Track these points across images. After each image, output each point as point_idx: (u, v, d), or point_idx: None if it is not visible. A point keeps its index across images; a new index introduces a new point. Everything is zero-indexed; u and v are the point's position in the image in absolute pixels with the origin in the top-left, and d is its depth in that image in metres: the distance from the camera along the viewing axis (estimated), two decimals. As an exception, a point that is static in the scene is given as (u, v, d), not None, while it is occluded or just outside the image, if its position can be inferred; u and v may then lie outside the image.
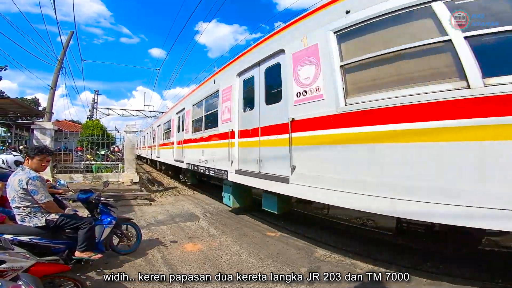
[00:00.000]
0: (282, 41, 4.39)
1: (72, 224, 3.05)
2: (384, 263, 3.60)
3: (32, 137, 9.04)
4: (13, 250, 2.10)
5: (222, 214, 6.44)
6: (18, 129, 16.57)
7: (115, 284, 2.92)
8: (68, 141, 15.43)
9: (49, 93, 12.54)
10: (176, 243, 4.43)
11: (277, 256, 3.90)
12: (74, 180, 8.99)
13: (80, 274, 3.02)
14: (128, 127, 10.49)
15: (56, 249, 2.93)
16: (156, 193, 9.43)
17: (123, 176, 9.74)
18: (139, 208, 7.09)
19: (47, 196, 2.93)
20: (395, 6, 2.85)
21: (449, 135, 2.41)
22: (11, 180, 2.89)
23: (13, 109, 14.72)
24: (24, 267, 1.97)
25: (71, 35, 13.10)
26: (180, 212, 6.71)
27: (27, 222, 2.84)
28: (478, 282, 3.02)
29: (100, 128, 13.91)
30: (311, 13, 3.87)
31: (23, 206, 2.84)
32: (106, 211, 3.65)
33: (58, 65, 12.63)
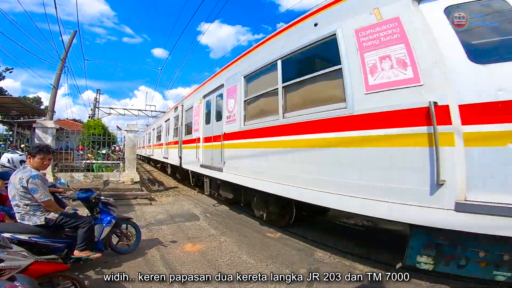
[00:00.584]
0: (222, 78, 6.36)
1: (72, 223, 3.05)
2: (384, 264, 3.58)
3: (34, 136, 9.08)
4: (12, 249, 2.10)
5: (222, 215, 6.44)
6: (20, 127, 16.65)
7: (114, 284, 2.91)
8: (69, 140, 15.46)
9: (51, 92, 12.61)
10: (176, 243, 4.43)
11: (277, 257, 3.89)
12: (75, 179, 9.00)
13: (79, 273, 3.02)
14: (129, 127, 10.51)
15: (55, 248, 2.92)
16: (157, 192, 9.44)
17: (123, 175, 9.75)
18: (139, 207, 7.10)
19: (47, 195, 2.93)
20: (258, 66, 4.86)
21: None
22: (13, 178, 2.90)
23: (15, 108, 14.77)
24: (22, 266, 1.97)
25: (73, 34, 13.18)
26: (180, 212, 6.71)
27: (26, 220, 2.84)
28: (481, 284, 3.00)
29: (101, 127, 13.97)
30: (236, 60, 5.85)
31: (23, 204, 2.84)
32: (106, 211, 3.65)
33: (61, 64, 12.70)
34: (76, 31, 13.31)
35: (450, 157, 2.37)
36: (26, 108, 15.86)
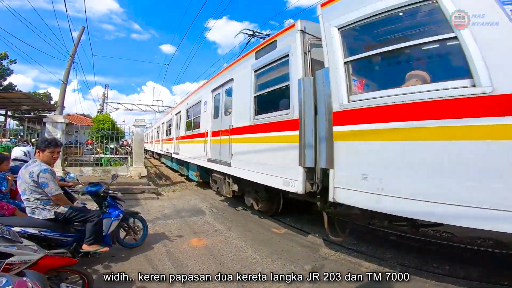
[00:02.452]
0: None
1: (81, 217, 3.08)
2: (390, 262, 3.57)
3: (44, 130, 9.24)
4: (22, 243, 2.14)
5: (227, 210, 6.48)
6: (30, 122, 16.96)
7: (114, 284, 2.89)
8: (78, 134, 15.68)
9: (60, 87, 12.75)
10: (182, 237, 4.48)
11: (282, 253, 3.90)
12: (84, 173, 9.15)
13: (87, 268, 3.08)
14: (137, 121, 10.59)
15: (64, 242, 2.97)
16: (163, 187, 9.54)
17: (131, 169, 9.88)
18: (146, 202, 7.19)
19: (57, 189, 2.96)
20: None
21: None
22: (22, 172, 2.92)
23: (25, 103, 15.05)
24: (32, 261, 2.02)
25: (82, 30, 13.23)
26: (186, 206, 6.77)
27: (37, 214, 2.89)
28: (485, 283, 2.97)
29: (110, 122, 14.12)
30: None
31: (33, 198, 2.88)
32: (114, 205, 3.70)
33: (70, 59, 12.82)
34: (84, 27, 13.36)
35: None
36: (36, 103, 16.15)
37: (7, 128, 14.95)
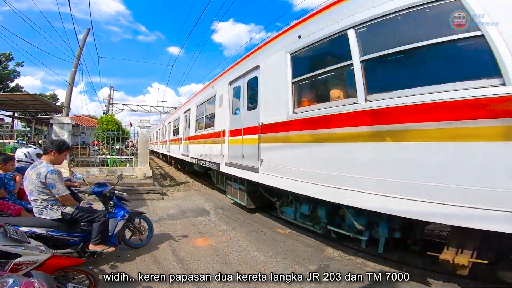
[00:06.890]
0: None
1: (87, 217, 3.11)
2: (396, 263, 3.53)
3: (51, 132, 9.35)
4: (29, 244, 2.16)
5: (232, 210, 6.48)
6: (37, 123, 17.17)
7: (114, 284, 2.89)
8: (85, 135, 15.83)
9: (67, 89, 12.90)
10: (187, 237, 4.49)
11: (287, 253, 3.89)
12: (90, 174, 9.25)
13: (93, 267, 3.10)
14: (142, 122, 10.65)
15: (71, 241, 3.00)
16: (168, 187, 9.59)
17: (136, 170, 9.93)
18: (151, 202, 7.23)
19: (64, 190, 2.99)
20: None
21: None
22: (29, 173, 2.95)
23: (32, 105, 15.24)
24: (40, 261, 2.04)
25: (87, 32, 13.40)
26: (191, 207, 6.79)
27: (44, 215, 2.92)
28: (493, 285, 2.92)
29: (115, 123, 14.24)
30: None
31: (41, 199, 2.91)
32: (120, 205, 3.72)
33: (76, 61, 12.97)
34: (89, 29, 13.52)
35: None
36: (43, 105, 16.33)
37: (14, 130, 15.15)
